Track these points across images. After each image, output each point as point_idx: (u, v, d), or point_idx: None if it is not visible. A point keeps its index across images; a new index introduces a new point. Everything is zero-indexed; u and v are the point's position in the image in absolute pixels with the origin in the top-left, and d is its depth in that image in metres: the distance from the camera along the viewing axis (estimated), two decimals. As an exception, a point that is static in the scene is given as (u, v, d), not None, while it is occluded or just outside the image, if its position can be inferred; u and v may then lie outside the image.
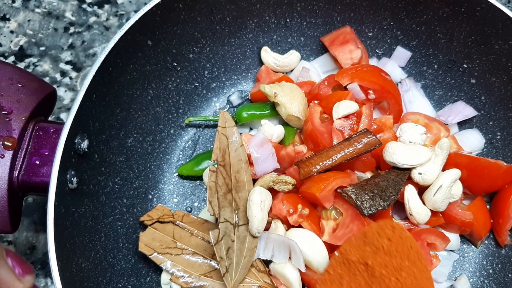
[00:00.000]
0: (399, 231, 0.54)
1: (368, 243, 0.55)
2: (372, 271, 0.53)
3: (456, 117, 0.85)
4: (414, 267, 0.53)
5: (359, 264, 0.54)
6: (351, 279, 0.55)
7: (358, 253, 0.55)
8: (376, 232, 0.55)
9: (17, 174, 0.65)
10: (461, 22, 0.81)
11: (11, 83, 0.68)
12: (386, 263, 0.53)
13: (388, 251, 0.54)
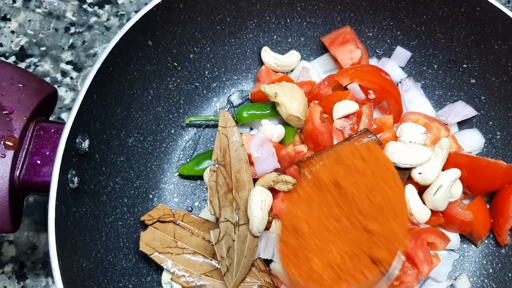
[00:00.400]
0: (375, 152, 0.52)
1: (341, 162, 0.52)
2: (344, 191, 0.50)
3: (456, 117, 0.85)
4: (388, 188, 0.50)
5: (330, 184, 0.51)
6: (321, 199, 0.52)
7: (330, 173, 0.52)
8: (351, 152, 0.52)
9: (18, 174, 0.65)
10: (461, 22, 0.81)
11: (12, 83, 0.68)
12: (359, 183, 0.50)
13: (362, 172, 0.51)
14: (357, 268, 0.49)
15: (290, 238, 0.52)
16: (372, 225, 0.49)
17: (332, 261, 0.50)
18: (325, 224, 0.50)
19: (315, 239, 0.50)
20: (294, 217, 0.52)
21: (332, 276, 0.49)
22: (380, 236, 0.49)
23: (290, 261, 0.52)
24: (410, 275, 0.71)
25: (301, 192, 0.53)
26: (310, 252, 0.50)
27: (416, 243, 0.71)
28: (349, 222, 0.50)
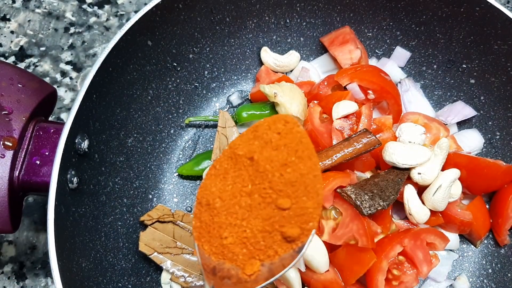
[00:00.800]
0: (291, 125, 0.50)
1: (257, 137, 0.50)
2: (257, 166, 0.49)
3: (456, 117, 0.85)
4: (301, 163, 0.48)
5: (245, 159, 0.50)
6: (236, 174, 0.50)
7: (246, 148, 0.50)
8: (267, 126, 0.50)
9: (17, 174, 0.65)
10: (460, 22, 0.81)
11: (12, 83, 0.68)
12: (272, 158, 0.49)
13: (276, 146, 0.49)
14: (268, 245, 0.48)
15: (204, 214, 0.51)
16: (283, 202, 0.48)
17: (244, 238, 0.49)
18: (238, 200, 0.49)
19: (228, 215, 0.49)
20: (208, 192, 0.51)
21: (244, 252, 0.49)
22: (291, 213, 0.48)
23: (203, 238, 0.51)
24: (409, 275, 0.72)
25: (218, 166, 0.52)
26: (222, 228, 0.49)
27: (416, 243, 0.71)
28: (261, 198, 0.49)
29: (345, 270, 0.71)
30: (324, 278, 0.72)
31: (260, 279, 0.49)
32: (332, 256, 0.72)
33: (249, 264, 0.49)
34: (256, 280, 0.49)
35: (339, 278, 0.72)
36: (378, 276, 0.69)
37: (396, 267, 0.72)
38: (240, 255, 0.49)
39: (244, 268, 0.49)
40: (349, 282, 0.71)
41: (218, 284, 0.50)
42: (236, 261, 0.49)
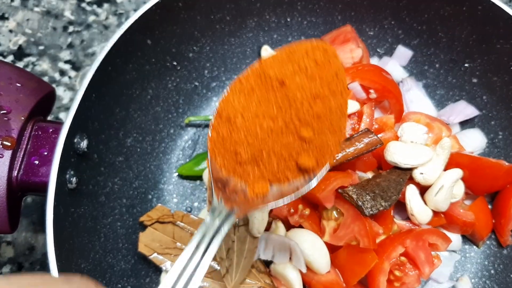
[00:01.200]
0: (330, 56, 0.49)
1: (292, 61, 0.49)
2: (287, 91, 0.48)
3: (458, 117, 0.85)
4: (332, 98, 0.47)
5: (275, 81, 0.48)
6: (262, 95, 0.49)
7: (278, 69, 0.49)
8: (305, 52, 0.49)
9: (16, 174, 0.64)
10: (463, 21, 0.81)
11: (10, 82, 0.67)
12: (304, 86, 0.47)
13: (310, 75, 0.48)
14: (281, 170, 0.48)
15: (222, 127, 0.50)
16: (306, 132, 0.47)
17: (259, 159, 0.48)
18: (260, 121, 0.48)
19: (247, 134, 0.48)
20: (231, 106, 0.50)
21: (255, 172, 0.48)
22: (311, 144, 0.47)
23: (217, 150, 0.50)
24: (411, 276, 0.71)
25: (244, 82, 0.51)
26: (238, 145, 0.48)
27: (418, 244, 0.71)
28: (285, 124, 0.47)
29: (346, 271, 0.71)
30: (325, 279, 0.71)
31: (267, 200, 0.49)
32: (333, 257, 0.72)
33: (259, 184, 0.48)
34: (263, 201, 0.49)
35: (340, 279, 0.71)
36: (380, 277, 0.69)
37: (398, 268, 0.71)
38: (251, 174, 0.48)
39: (253, 187, 0.48)
40: (350, 283, 0.70)
41: (226, 198, 0.49)
42: (247, 179, 0.49)
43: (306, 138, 0.47)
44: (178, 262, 0.40)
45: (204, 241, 0.45)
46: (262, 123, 0.48)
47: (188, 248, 0.42)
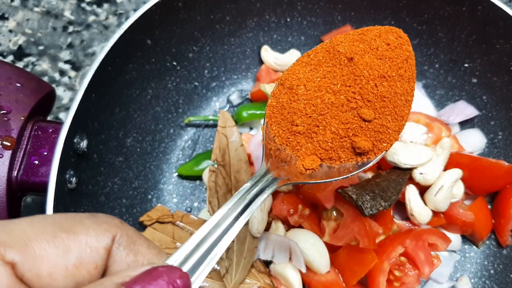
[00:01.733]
0: (403, 41, 0.48)
1: (363, 40, 0.48)
2: (354, 69, 0.47)
3: (458, 117, 0.85)
4: (400, 82, 0.47)
5: (344, 57, 0.48)
6: (328, 69, 0.48)
7: (348, 47, 0.48)
8: (378, 33, 0.48)
9: (16, 174, 0.64)
10: (462, 22, 0.81)
11: (10, 82, 0.67)
12: (373, 65, 0.46)
13: (381, 55, 0.47)
14: (334, 148, 0.47)
15: (283, 95, 0.49)
16: (367, 113, 0.46)
17: (314, 133, 0.47)
18: (322, 94, 0.47)
19: (307, 105, 0.48)
20: (295, 76, 0.49)
21: (308, 146, 0.48)
22: (370, 126, 0.46)
23: (274, 118, 0.50)
24: (411, 276, 0.71)
25: (312, 56, 0.50)
26: (297, 115, 0.48)
27: (417, 244, 0.71)
28: (347, 101, 0.46)
29: (346, 271, 0.71)
30: (325, 279, 0.71)
31: (314, 176, 0.48)
32: (333, 257, 0.72)
33: (310, 159, 0.48)
34: (310, 176, 0.48)
35: (340, 279, 0.71)
36: (380, 277, 0.69)
37: (398, 268, 0.71)
38: (303, 147, 0.48)
39: (303, 161, 0.48)
40: (350, 283, 0.70)
41: (274, 164, 0.48)
42: (298, 151, 0.48)
43: (367, 118, 0.46)
44: (208, 223, 0.38)
45: (240, 204, 0.42)
46: (323, 96, 0.47)
47: (221, 210, 0.40)
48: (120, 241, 0.30)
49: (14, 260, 0.26)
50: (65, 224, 0.28)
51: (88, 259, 0.28)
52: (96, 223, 0.29)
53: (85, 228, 0.28)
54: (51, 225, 0.28)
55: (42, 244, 0.27)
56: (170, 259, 0.32)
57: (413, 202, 0.71)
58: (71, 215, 0.29)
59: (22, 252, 0.26)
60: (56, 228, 0.27)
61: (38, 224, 0.27)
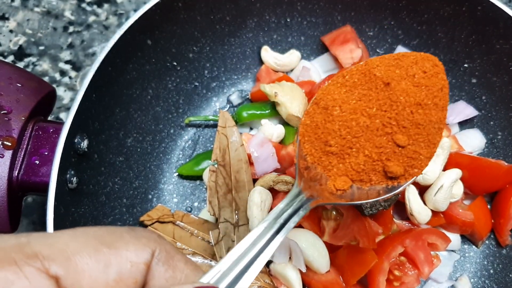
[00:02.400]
0: (439, 70, 0.49)
1: (400, 66, 0.49)
2: (390, 94, 0.48)
3: (457, 117, 0.85)
4: (434, 110, 0.48)
5: (380, 82, 0.49)
6: (364, 92, 0.49)
7: (384, 71, 0.49)
8: (415, 60, 0.49)
9: (16, 174, 0.65)
10: (462, 22, 0.81)
11: (10, 82, 0.68)
12: (409, 92, 0.47)
13: (417, 83, 0.48)
14: (366, 171, 0.48)
15: (318, 115, 0.50)
16: (402, 138, 0.47)
17: (347, 153, 0.48)
18: (358, 117, 0.48)
19: (341, 126, 0.48)
20: (330, 97, 0.50)
21: (340, 167, 0.48)
22: (404, 152, 0.47)
23: (307, 136, 0.50)
24: (410, 276, 0.71)
25: (347, 77, 0.51)
26: (331, 136, 0.49)
27: (417, 243, 0.71)
28: (382, 126, 0.47)
29: (346, 271, 0.71)
30: (325, 278, 0.71)
31: (344, 197, 0.48)
32: (333, 257, 0.72)
33: (342, 179, 0.48)
34: (341, 197, 0.48)
35: (340, 279, 0.71)
36: (379, 277, 0.69)
37: (397, 267, 0.71)
38: (335, 168, 0.49)
39: (334, 181, 0.48)
40: (350, 282, 0.70)
41: (306, 183, 0.49)
42: (330, 171, 0.49)
43: (400, 144, 0.47)
44: (245, 240, 0.38)
45: (276, 223, 0.43)
46: (358, 119, 0.48)
47: (257, 229, 0.40)
48: (159, 256, 0.30)
49: (58, 274, 0.26)
50: (107, 239, 0.28)
51: (128, 274, 0.28)
52: (136, 237, 0.29)
53: (125, 243, 0.29)
54: (93, 239, 0.28)
55: (84, 259, 0.27)
56: (206, 276, 0.32)
57: (412, 202, 0.72)
58: (111, 229, 0.30)
59: (65, 266, 0.27)
60: (98, 242, 0.28)
61: (80, 237, 0.28)
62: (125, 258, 0.28)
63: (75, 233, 0.28)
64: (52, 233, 0.29)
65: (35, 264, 0.26)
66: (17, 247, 0.26)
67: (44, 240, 0.27)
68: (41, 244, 0.27)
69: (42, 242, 0.27)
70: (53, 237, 0.28)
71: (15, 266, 0.26)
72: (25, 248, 0.26)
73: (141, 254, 0.29)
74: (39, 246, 0.27)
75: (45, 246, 0.27)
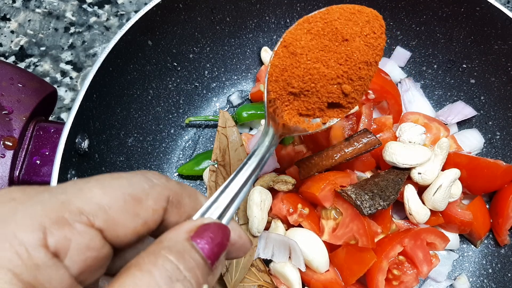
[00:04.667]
0: (383, 29, 0.56)
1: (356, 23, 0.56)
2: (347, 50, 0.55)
3: (456, 117, 0.85)
4: (374, 66, 0.56)
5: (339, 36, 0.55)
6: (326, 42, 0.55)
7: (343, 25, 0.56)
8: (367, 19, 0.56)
9: (17, 174, 0.65)
10: (461, 22, 0.81)
11: (12, 83, 0.68)
12: (362, 50, 0.55)
13: (368, 42, 0.55)
14: (314, 108, 0.57)
15: (286, 58, 0.56)
16: (348, 88, 0.55)
17: (303, 94, 0.56)
18: (319, 66, 0.54)
19: (305, 73, 0.55)
20: (298, 43, 0.55)
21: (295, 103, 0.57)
22: (345, 98, 0.56)
23: (274, 76, 0.57)
24: (409, 275, 0.72)
25: (312, 24, 0.57)
26: (295, 80, 0.55)
27: (416, 243, 0.71)
28: (336, 76, 0.55)
29: (345, 270, 0.71)
30: (324, 278, 0.72)
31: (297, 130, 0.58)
32: (332, 256, 0.72)
33: (293, 113, 0.58)
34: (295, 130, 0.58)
35: (339, 278, 0.72)
36: (378, 276, 0.69)
37: (396, 267, 0.72)
38: (291, 104, 0.57)
39: (289, 114, 0.58)
40: (349, 282, 0.71)
41: (271, 118, 0.57)
42: (286, 106, 0.58)
43: (346, 92, 0.55)
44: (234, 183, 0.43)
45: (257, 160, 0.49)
46: (320, 68, 0.55)
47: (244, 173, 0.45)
48: (172, 200, 0.36)
49: (101, 227, 0.31)
50: (130, 190, 0.33)
51: (151, 219, 0.34)
52: (153, 187, 0.34)
53: (145, 194, 0.34)
54: (120, 193, 0.32)
55: (118, 212, 0.32)
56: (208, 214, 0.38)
57: (411, 201, 0.72)
58: (130, 179, 0.34)
59: (105, 219, 0.31)
60: (126, 195, 0.33)
61: (110, 191, 0.32)
62: (149, 207, 0.34)
63: (103, 186, 0.32)
64: (83, 185, 0.32)
65: (83, 220, 0.30)
66: (62, 206, 0.30)
67: (81, 195, 0.31)
68: (81, 201, 0.31)
69: (81, 198, 0.31)
70: (87, 191, 0.32)
71: (69, 225, 0.30)
72: (70, 206, 0.30)
73: (159, 203, 0.34)
74: (80, 202, 0.31)
75: (85, 202, 0.31)
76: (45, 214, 0.29)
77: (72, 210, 0.30)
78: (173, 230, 0.34)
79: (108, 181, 0.33)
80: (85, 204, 0.31)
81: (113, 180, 0.33)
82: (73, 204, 0.30)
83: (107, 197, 0.32)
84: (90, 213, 0.31)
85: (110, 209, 0.31)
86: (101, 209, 0.31)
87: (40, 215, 0.29)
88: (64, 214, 0.30)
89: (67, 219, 0.30)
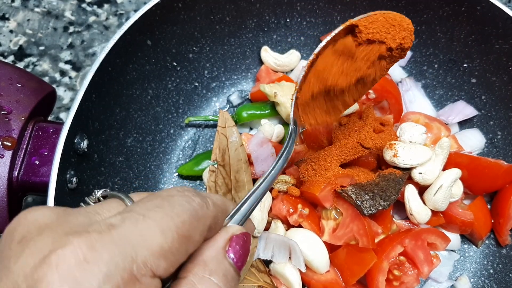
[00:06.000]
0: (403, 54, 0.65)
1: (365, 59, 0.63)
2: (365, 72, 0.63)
3: (457, 117, 0.85)
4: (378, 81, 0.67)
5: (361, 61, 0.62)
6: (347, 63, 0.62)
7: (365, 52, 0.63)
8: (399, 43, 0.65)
9: (16, 174, 0.65)
10: (462, 22, 0.81)
11: (11, 83, 0.68)
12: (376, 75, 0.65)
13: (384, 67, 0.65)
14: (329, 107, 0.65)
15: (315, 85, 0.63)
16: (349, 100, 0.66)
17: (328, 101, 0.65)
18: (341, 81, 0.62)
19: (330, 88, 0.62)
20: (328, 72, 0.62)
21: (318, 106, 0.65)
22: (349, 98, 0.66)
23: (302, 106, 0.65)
24: (410, 275, 0.71)
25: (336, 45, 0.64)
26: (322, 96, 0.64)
27: (416, 243, 0.71)
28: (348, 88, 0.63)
29: (345, 271, 0.71)
30: (324, 278, 0.71)
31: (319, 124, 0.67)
32: (333, 257, 0.72)
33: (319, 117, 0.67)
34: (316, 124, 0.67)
35: (339, 279, 0.71)
36: (379, 277, 0.69)
37: (397, 267, 0.71)
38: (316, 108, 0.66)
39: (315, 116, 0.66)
40: (349, 282, 0.71)
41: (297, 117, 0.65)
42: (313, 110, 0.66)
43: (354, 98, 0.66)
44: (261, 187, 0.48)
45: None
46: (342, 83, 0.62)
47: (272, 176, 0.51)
48: (211, 226, 0.39)
49: (162, 275, 0.34)
50: (183, 230, 0.35)
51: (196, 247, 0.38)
52: (199, 220, 0.37)
53: (194, 230, 0.37)
54: (177, 234, 0.35)
55: (175, 254, 0.35)
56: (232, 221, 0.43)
57: (412, 201, 0.72)
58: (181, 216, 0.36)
59: (165, 268, 0.34)
60: (181, 236, 0.35)
61: (167, 233, 0.34)
62: (196, 242, 0.37)
63: (162, 229, 0.34)
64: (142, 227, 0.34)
65: (148, 273, 0.33)
66: (131, 261, 0.32)
67: (144, 244, 0.33)
68: (145, 250, 0.33)
69: (145, 247, 0.33)
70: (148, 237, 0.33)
71: (138, 281, 0.32)
72: (137, 260, 0.32)
73: (204, 234, 0.38)
74: (145, 252, 0.33)
75: (148, 252, 0.33)
76: (118, 273, 0.31)
77: (139, 265, 0.32)
78: (212, 248, 0.39)
79: (165, 221, 0.35)
80: (149, 254, 0.33)
81: (166, 217, 0.35)
82: (139, 257, 0.32)
83: (166, 243, 0.34)
84: (153, 264, 0.33)
85: (169, 254, 0.34)
86: (162, 256, 0.34)
87: (114, 274, 0.31)
88: (133, 270, 0.32)
89: (136, 276, 0.32)
